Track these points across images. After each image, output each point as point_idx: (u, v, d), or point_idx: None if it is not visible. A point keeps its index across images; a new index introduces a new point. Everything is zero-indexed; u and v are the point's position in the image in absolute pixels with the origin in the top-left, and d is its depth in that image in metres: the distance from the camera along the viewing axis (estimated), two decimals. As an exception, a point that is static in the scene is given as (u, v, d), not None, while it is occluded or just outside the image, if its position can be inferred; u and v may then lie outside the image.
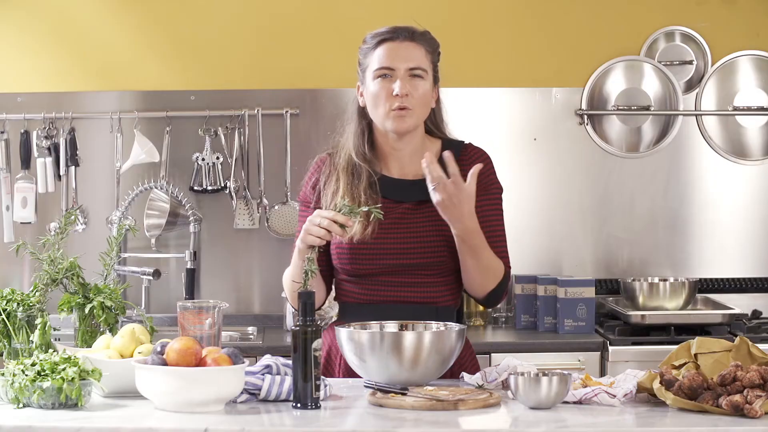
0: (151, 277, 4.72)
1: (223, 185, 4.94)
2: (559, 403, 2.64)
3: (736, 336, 3.30)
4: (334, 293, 3.25)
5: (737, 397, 2.52)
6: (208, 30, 5.02)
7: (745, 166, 5.09)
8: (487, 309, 4.83)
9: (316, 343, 2.63)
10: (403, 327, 2.98)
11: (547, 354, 4.48)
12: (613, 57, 5.07)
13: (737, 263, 5.09)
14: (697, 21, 5.08)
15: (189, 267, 4.88)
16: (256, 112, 4.96)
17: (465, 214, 2.99)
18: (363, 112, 3.18)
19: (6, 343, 3.02)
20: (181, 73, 5.02)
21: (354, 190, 3.12)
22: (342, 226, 2.89)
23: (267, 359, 2.82)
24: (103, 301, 3.05)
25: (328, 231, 2.89)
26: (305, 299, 2.67)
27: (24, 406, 2.64)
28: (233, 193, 4.94)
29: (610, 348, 4.48)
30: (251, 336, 4.79)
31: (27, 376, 2.63)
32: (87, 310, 3.04)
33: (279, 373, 2.78)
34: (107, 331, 3.05)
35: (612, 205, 5.09)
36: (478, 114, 5.03)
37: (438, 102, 3.21)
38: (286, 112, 4.97)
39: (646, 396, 2.70)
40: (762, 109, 5.09)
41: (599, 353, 4.50)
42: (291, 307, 4.15)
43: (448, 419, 2.55)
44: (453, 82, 4.92)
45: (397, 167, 3.18)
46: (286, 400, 2.70)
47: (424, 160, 2.95)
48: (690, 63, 5.11)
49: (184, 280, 4.88)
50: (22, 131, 4.91)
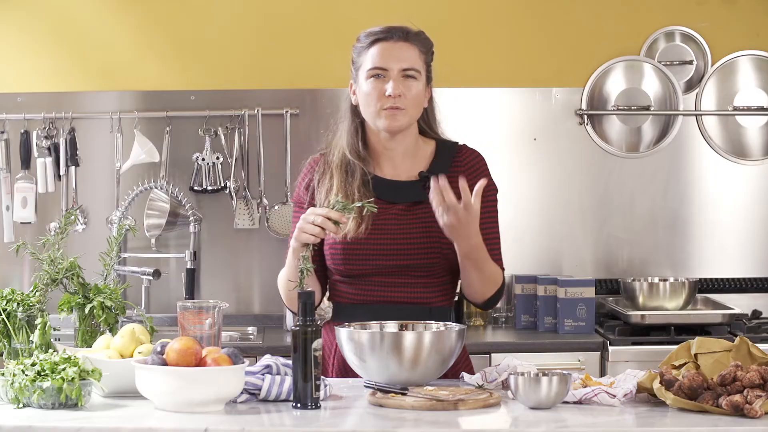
0: (151, 277, 4.72)
1: (223, 185, 4.94)
2: (559, 403, 2.64)
3: (736, 336, 3.29)
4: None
5: (737, 397, 2.52)
6: (208, 30, 5.01)
7: (745, 166, 5.09)
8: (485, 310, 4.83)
9: (316, 343, 2.63)
10: (403, 327, 2.97)
11: (547, 354, 4.48)
12: (613, 57, 5.07)
13: (737, 263, 5.09)
14: (697, 21, 5.08)
15: (189, 267, 4.88)
16: (256, 112, 4.96)
17: (472, 234, 2.98)
18: (356, 111, 3.18)
19: (6, 343, 3.02)
20: (181, 73, 5.02)
21: (348, 188, 3.11)
22: (336, 223, 2.89)
23: (267, 359, 2.82)
24: (103, 301, 3.04)
25: (322, 228, 2.89)
26: (305, 299, 2.67)
27: (24, 406, 2.63)
28: (233, 193, 4.94)
29: (610, 348, 4.48)
30: (251, 336, 4.78)
31: (27, 376, 2.63)
32: (87, 310, 3.04)
33: (279, 373, 2.78)
34: (107, 331, 3.04)
35: (612, 205, 5.09)
36: (478, 114, 5.03)
37: (431, 102, 3.20)
38: (286, 112, 4.97)
39: (646, 396, 2.70)
40: (762, 109, 5.09)
41: (599, 353, 4.50)
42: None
43: (448, 419, 2.55)
44: (453, 82, 4.94)
45: (389, 168, 3.17)
46: (286, 400, 2.70)
47: (434, 181, 2.90)
48: (690, 63, 5.10)
49: (184, 280, 4.88)
50: (22, 131, 4.91)
